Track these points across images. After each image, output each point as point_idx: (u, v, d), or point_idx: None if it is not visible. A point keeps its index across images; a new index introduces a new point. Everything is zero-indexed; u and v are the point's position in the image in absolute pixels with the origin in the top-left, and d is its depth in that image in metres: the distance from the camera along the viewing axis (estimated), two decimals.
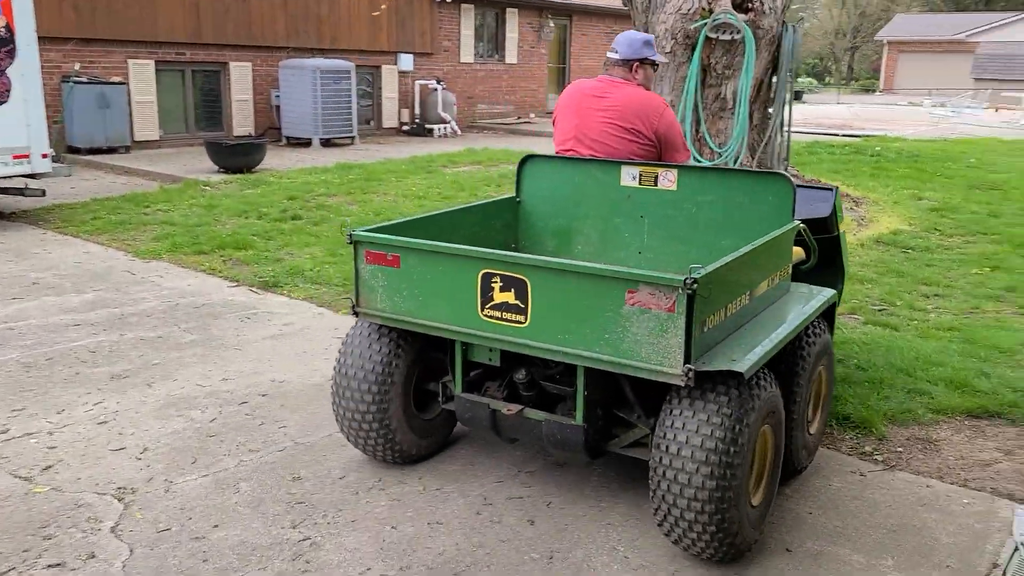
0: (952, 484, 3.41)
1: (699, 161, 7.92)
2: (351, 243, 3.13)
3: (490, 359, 3.12)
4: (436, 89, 17.07)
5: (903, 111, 25.36)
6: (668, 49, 7.86)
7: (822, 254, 3.88)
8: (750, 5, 7.67)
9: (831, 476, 3.46)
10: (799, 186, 3.64)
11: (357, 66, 15.36)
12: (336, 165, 11.71)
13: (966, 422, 3.98)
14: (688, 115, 7.82)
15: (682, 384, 2.58)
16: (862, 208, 9.14)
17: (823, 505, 3.24)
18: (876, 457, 3.63)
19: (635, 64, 3.89)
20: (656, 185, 3.74)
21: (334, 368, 3.38)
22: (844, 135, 15.79)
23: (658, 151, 3.89)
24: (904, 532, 3.06)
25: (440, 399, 3.44)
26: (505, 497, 3.26)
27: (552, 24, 20.48)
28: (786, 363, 3.22)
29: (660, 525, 2.79)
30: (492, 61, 19.54)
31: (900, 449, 3.71)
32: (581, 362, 2.75)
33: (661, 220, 3.79)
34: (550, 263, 2.77)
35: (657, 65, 4.02)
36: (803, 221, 3.64)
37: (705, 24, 7.58)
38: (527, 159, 4.02)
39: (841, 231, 4.03)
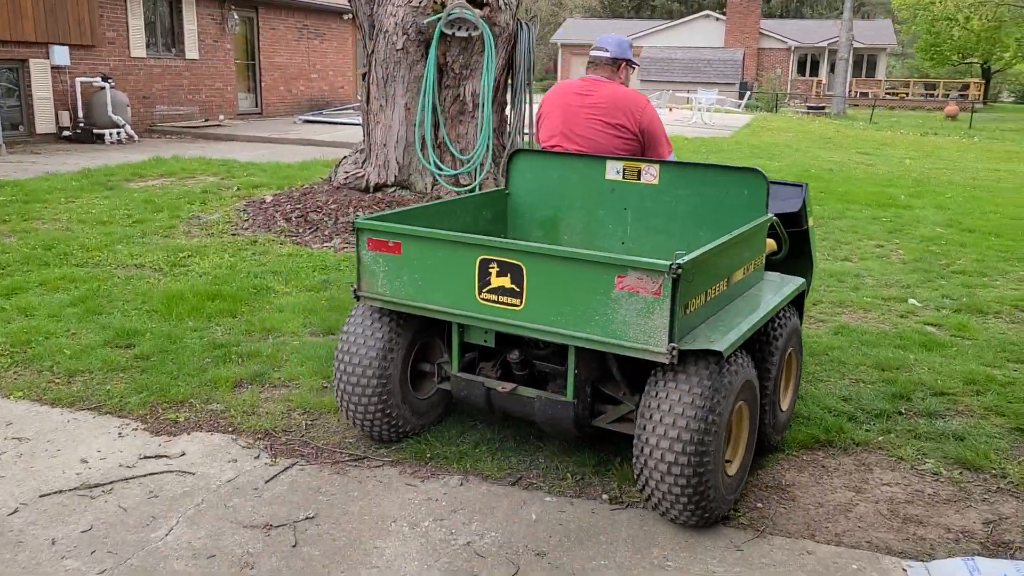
0: (828, 544, 3.00)
1: (441, 170, 7.22)
2: (355, 230, 3.29)
3: (485, 340, 3.29)
4: (103, 88, 14.68)
5: None
6: (400, 46, 7.05)
7: (792, 246, 4.11)
8: (484, 0, 7.09)
9: (706, 557, 2.89)
10: (772, 183, 3.80)
11: None
12: None
13: (804, 457, 3.65)
14: (427, 118, 7.08)
15: (666, 361, 2.77)
16: None
17: None
18: (741, 520, 3.13)
19: (622, 64, 4.11)
20: (639, 179, 3.91)
21: (336, 349, 3.50)
22: None
23: (641, 145, 4.06)
24: None
25: (435, 379, 3.60)
26: None
27: (237, 16, 18.68)
28: (760, 345, 3.42)
29: (642, 492, 2.99)
30: (170, 56, 17.33)
31: (760, 505, 3.25)
32: (573, 342, 2.94)
33: (643, 212, 3.95)
34: (545, 249, 2.95)
35: (635, 66, 4.25)
36: (776, 215, 3.82)
37: (439, 19, 6.87)
38: (516, 154, 4.19)
39: (810, 225, 4.26)
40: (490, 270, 2.99)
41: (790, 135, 19.21)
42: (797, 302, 3.78)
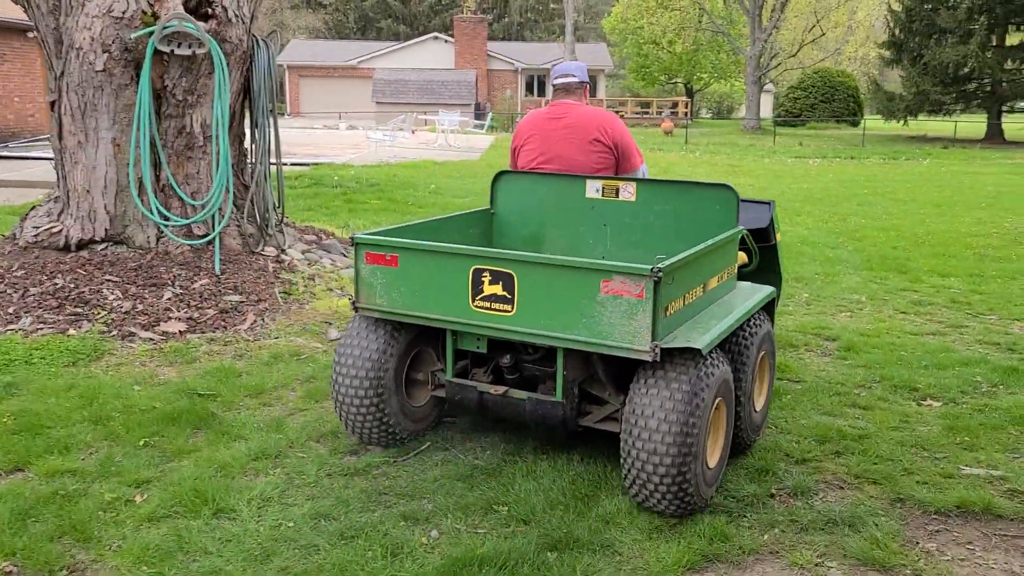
0: None
1: (168, 219, 5.79)
2: (354, 245, 3.45)
3: (478, 347, 3.49)
4: None
5: (338, 135, 25.25)
6: (101, 67, 5.54)
7: (762, 260, 4.37)
8: (209, 11, 5.76)
9: None
10: (741, 200, 3.96)
11: None
12: None
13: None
14: (144, 155, 5.62)
15: (649, 359, 2.99)
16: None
17: None
18: None
19: (586, 86, 4.40)
20: (617, 197, 4.12)
21: (334, 360, 3.64)
22: (291, 164, 14.59)
23: (616, 158, 4.28)
24: None
25: (430, 387, 3.78)
26: None
27: None
28: (734, 347, 3.59)
29: (628, 487, 3.17)
30: None
31: None
32: (562, 344, 3.16)
33: (622, 228, 4.18)
34: (535, 258, 3.15)
35: (589, 87, 4.49)
36: (746, 230, 4.08)
37: (152, 33, 5.45)
38: (500, 175, 4.37)
39: (778, 240, 4.48)
40: (483, 279, 3.18)
41: None
42: (768, 309, 4.01)
